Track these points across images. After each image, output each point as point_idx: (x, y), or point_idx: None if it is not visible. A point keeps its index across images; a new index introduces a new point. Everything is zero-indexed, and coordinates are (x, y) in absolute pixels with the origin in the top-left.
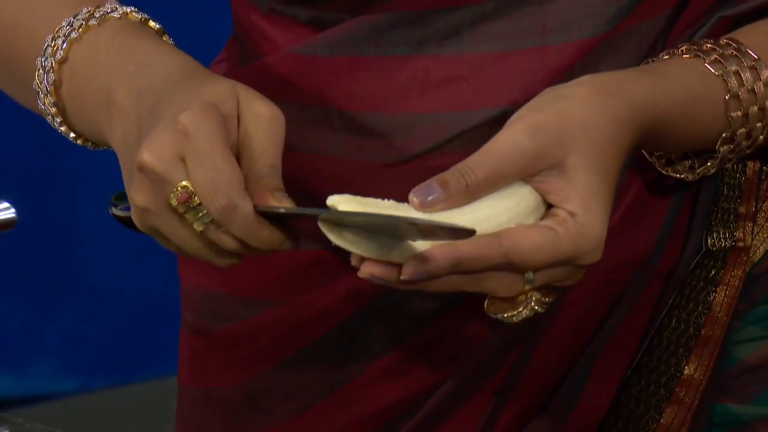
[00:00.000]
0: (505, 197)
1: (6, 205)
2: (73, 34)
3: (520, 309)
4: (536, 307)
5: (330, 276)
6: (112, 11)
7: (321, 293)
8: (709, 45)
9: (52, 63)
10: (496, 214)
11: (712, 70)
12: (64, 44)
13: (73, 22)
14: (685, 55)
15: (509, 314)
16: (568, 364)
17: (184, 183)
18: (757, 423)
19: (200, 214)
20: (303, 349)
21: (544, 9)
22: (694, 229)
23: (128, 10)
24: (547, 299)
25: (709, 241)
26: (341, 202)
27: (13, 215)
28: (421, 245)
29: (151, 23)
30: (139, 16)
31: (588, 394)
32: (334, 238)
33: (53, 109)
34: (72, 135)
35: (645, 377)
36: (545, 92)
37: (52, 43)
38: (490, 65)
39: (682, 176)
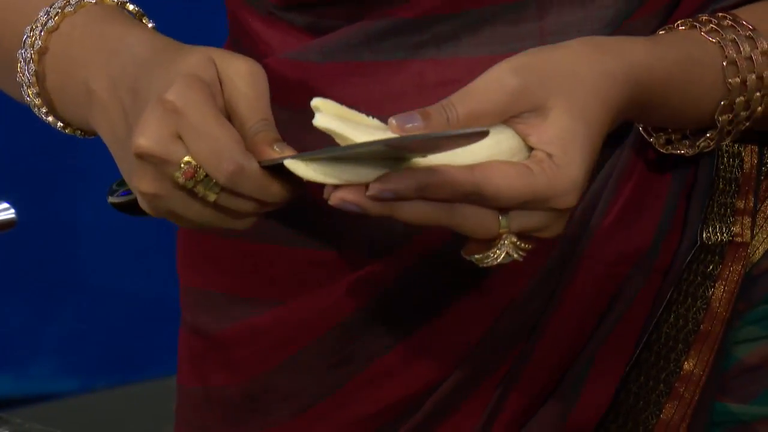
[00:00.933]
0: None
1: (6, 205)
2: (50, 23)
3: (496, 251)
4: (512, 253)
5: (329, 276)
6: None
7: (320, 293)
8: (705, 17)
9: (31, 54)
10: (472, 151)
11: (709, 39)
12: (42, 33)
13: (49, 11)
14: (681, 27)
15: (483, 254)
16: (568, 361)
17: (186, 158)
18: (756, 423)
19: (210, 184)
20: (303, 349)
21: (542, 12)
22: (689, 223)
23: None
24: (523, 245)
25: (704, 234)
26: (325, 106)
27: (13, 216)
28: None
29: (129, 6)
30: (116, 0)
31: (588, 391)
32: (304, 172)
33: (38, 100)
34: (60, 124)
35: (644, 373)
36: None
37: (31, 34)
38: (488, 68)
39: (682, 152)
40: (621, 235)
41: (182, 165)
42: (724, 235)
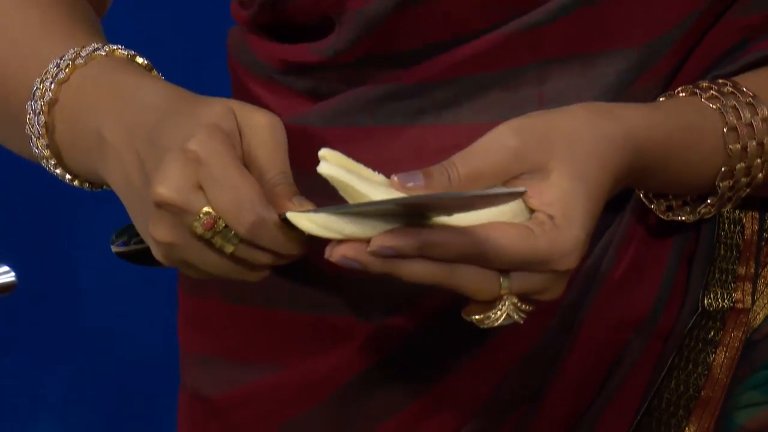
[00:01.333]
0: None
1: (6, 268)
2: (61, 75)
3: (496, 312)
4: (513, 314)
5: (330, 340)
6: (98, 49)
7: (321, 358)
8: (705, 84)
9: (41, 105)
10: (475, 213)
11: (710, 105)
12: (52, 85)
13: (59, 63)
14: (681, 94)
15: (484, 315)
16: (570, 426)
17: (206, 209)
18: None
19: (229, 236)
20: (303, 413)
21: (542, 79)
22: (691, 289)
23: (115, 47)
24: (524, 307)
25: (705, 301)
26: (332, 156)
27: (13, 279)
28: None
29: (138, 59)
30: (126, 53)
31: None
32: (306, 226)
33: (47, 152)
34: (68, 177)
35: None
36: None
37: (41, 86)
38: None
39: (682, 218)
40: (622, 300)
41: (201, 215)
42: (726, 301)
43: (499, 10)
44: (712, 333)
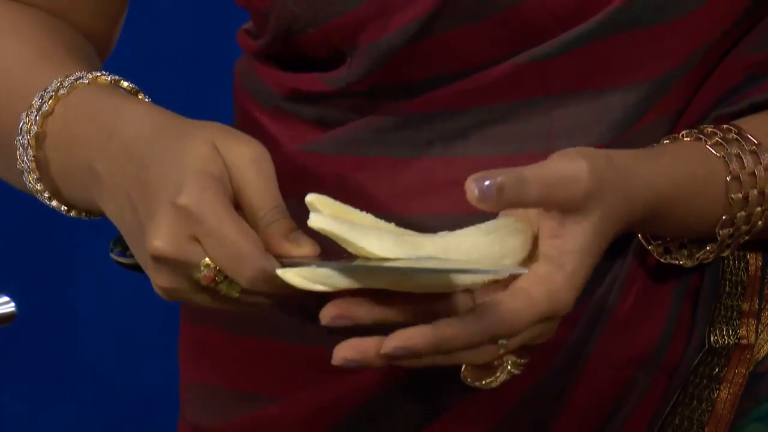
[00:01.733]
0: (474, 234)
1: (6, 299)
2: (45, 107)
3: (497, 374)
4: (513, 370)
5: (332, 373)
6: (81, 78)
7: (322, 389)
8: (710, 129)
9: (28, 140)
10: (468, 251)
11: (714, 152)
12: (37, 118)
13: (43, 95)
14: (686, 138)
15: (487, 381)
16: None
17: (206, 261)
18: None
19: (232, 284)
20: None
21: (550, 114)
22: (696, 326)
23: (98, 74)
24: (522, 360)
25: (711, 338)
26: (320, 203)
27: (13, 309)
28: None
29: (124, 83)
30: (109, 79)
31: None
32: (292, 280)
33: (39, 186)
34: (64, 208)
35: None
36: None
37: (27, 120)
38: (496, 168)
39: (681, 263)
40: (626, 338)
41: (202, 268)
42: (731, 337)
43: (509, 43)
44: (716, 369)
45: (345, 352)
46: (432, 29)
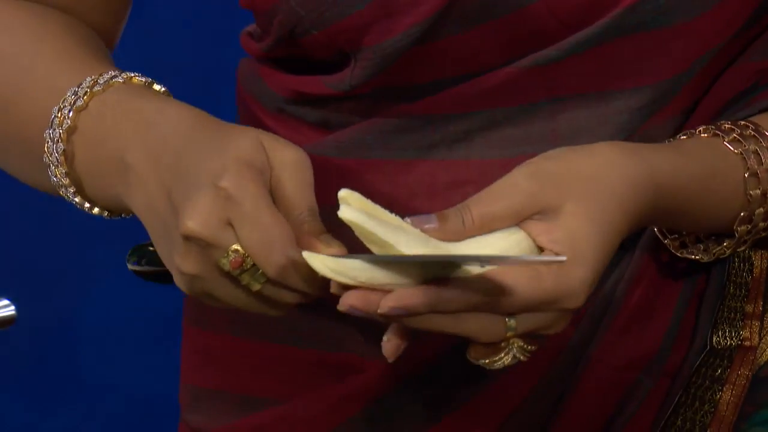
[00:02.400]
0: (500, 239)
1: (6, 302)
2: (79, 102)
3: (502, 356)
4: (518, 355)
5: (335, 376)
6: (116, 76)
7: (324, 392)
8: (727, 125)
9: (60, 133)
10: (482, 248)
11: (732, 148)
12: (71, 113)
13: (77, 90)
14: (703, 134)
15: (491, 360)
16: None
17: (235, 246)
18: None
19: (256, 275)
20: None
21: (555, 117)
22: (700, 327)
23: (132, 74)
24: (529, 347)
25: (714, 339)
26: (352, 198)
27: (13, 312)
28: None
29: (156, 86)
30: (143, 80)
31: None
32: (319, 267)
33: (66, 180)
34: (87, 205)
35: None
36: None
37: (59, 114)
38: (499, 171)
39: (697, 257)
40: (630, 339)
41: (230, 252)
42: (734, 339)
43: (513, 46)
44: (719, 371)
45: (352, 300)
46: (436, 32)
